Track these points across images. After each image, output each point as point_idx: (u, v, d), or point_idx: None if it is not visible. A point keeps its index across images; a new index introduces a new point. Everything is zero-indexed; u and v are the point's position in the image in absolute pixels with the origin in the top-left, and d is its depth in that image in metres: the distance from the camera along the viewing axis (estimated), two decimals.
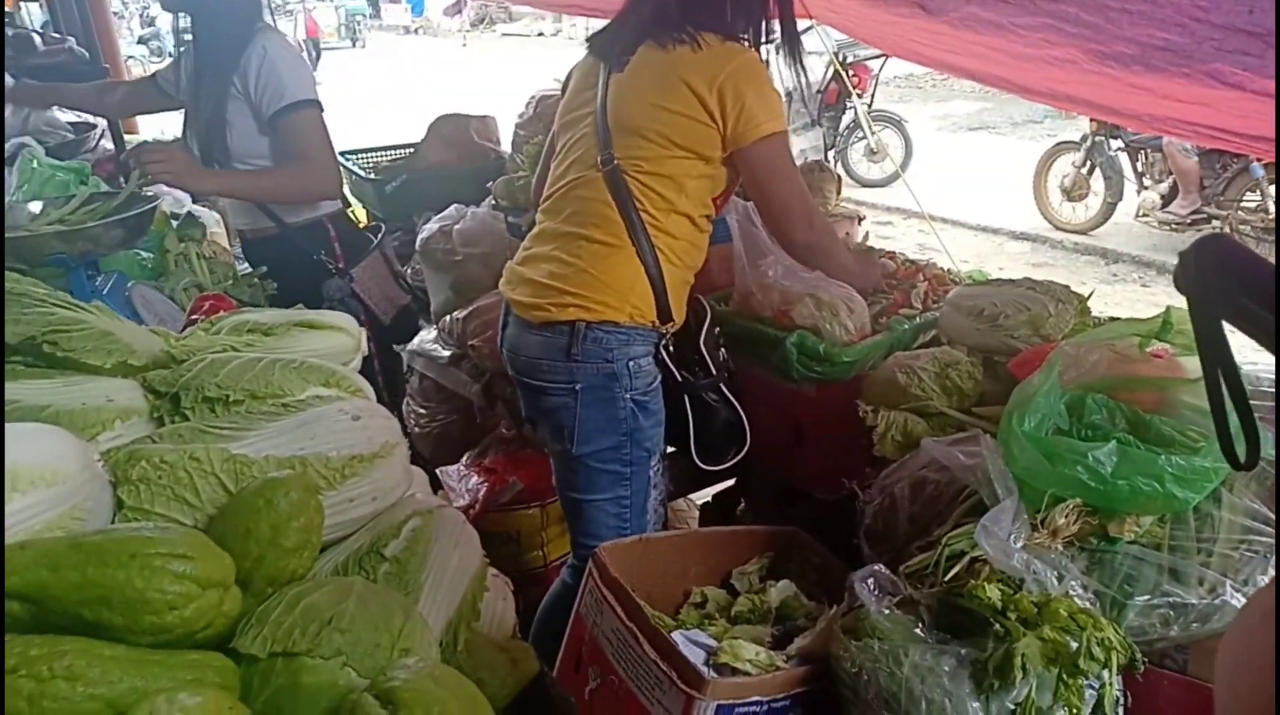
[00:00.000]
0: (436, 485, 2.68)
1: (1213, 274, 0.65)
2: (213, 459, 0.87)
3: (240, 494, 0.85)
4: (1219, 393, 0.72)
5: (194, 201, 3.14)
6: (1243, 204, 6.22)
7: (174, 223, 2.48)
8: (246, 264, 2.56)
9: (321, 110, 2.36)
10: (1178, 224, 6.52)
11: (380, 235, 2.66)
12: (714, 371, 2.09)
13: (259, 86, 2.30)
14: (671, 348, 2.03)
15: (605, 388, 1.93)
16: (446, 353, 2.99)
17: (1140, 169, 6.86)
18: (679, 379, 2.04)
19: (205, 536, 0.78)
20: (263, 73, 2.30)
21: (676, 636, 1.62)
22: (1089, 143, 6.93)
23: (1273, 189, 6.05)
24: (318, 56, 17.99)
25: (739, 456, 2.15)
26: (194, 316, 1.46)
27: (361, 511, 0.95)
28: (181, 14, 2.49)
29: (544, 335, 1.94)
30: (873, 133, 8.37)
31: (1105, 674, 1.33)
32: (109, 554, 0.72)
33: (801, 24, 2.34)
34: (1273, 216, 6.06)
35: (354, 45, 24.71)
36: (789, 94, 8.03)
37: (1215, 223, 6.35)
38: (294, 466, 0.89)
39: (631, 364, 1.94)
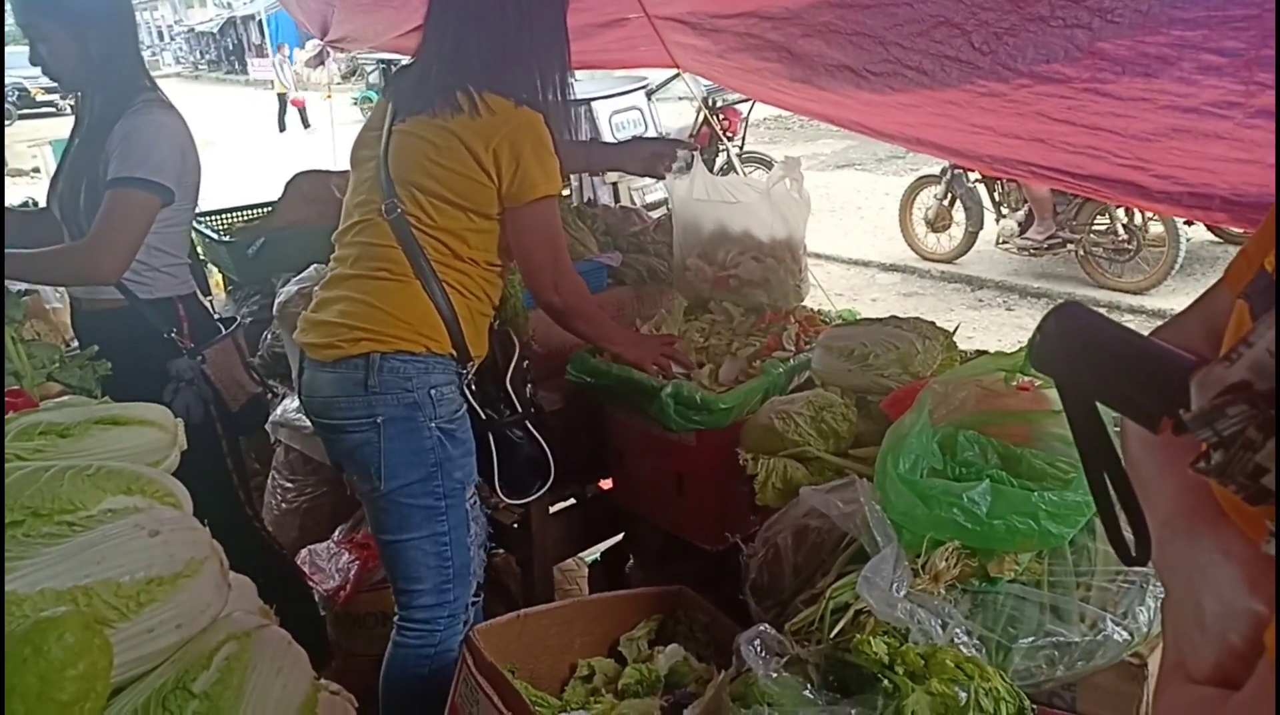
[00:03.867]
0: (285, 576, 2.49)
1: (1082, 356, 0.59)
2: None
3: (3, 642, 0.72)
4: (1104, 489, 0.67)
5: None
6: (1093, 228, 6.56)
7: None
8: (77, 342, 2.35)
9: (162, 199, 2.18)
10: (1035, 249, 6.81)
11: (234, 327, 2.50)
12: (519, 408, 2.08)
13: (112, 155, 2.16)
14: (474, 386, 2.01)
15: (408, 418, 1.88)
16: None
17: (997, 198, 7.16)
18: (483, 417, 2.02)
19: None
20: (120, 142, 2.16)
21: None
22: (949, 175, 7.21)
23: (1120, 212, 6.40)
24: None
25: (544, 489, 2.15)
26: None
27: (164, 642, 0.82)
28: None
29: (338, 372, 1.89)
30: (745, 174, 8.53)
31: None
32: None
33: (668, 72, 2.38)
34: (1122, 238, 6.41)
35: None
36: (662, 136, 8.14)
37: (1069, 246, 6.67)
38: (75, 599, 0.77)
39: (434, 392, 1.90)
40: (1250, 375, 0.50)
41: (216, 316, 2.67)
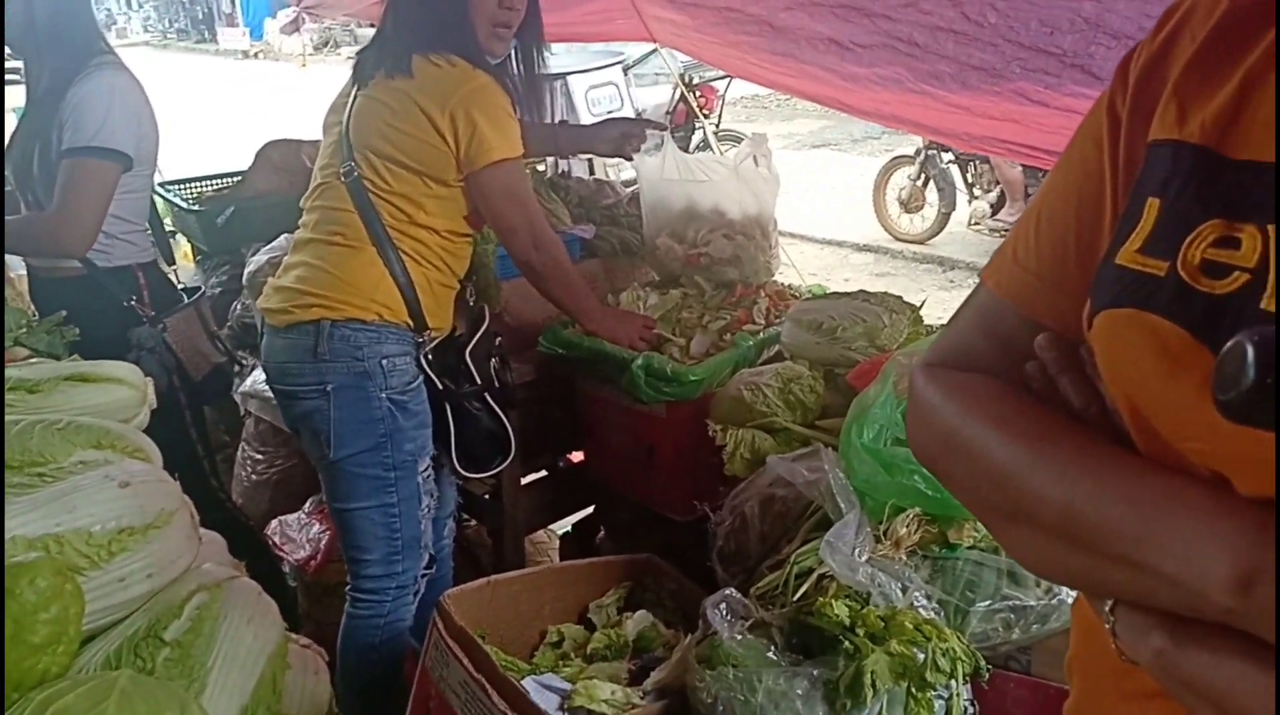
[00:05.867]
0: (251, 547, 2.48)
1: None
2: None
3: None
4: None
5: None
6: None
7: None
8: (35, 310, 2.34)
9: (122, 165, 2.18)
10: (1007, 231, 6.87)
11: (197, 295, 2.49)
12: (478, 381, 2.06)
13: (66, 122, 2.13)
14: (431, 356, 2.00)
15: (358, 387, 1.89)
16: None
17: (970, 180, 7.22)
18: (440, 387, 2.01)
19: None
20: (73, 108, 2.14)
21: (528, 683, 1.54)
22: (922, 156, 7.25)
23: None
24: None
25: (503, 465, 2.15)
26: None
27: (136, 591, 0.84)
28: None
29: (290, 337, 1.90)
30: (721, 152, 8.53)
31: (952, 684, 1.34)
32: None
33: (645, 48, 2.39)
34: None
35: None
36: (638, 113, 8.11)
37: None
38: (47, 546, 0.78)
39: (385, 362, 1.90)
40: None
41: (181, 286, 2.66)
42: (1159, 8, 1.60)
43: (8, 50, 2.35)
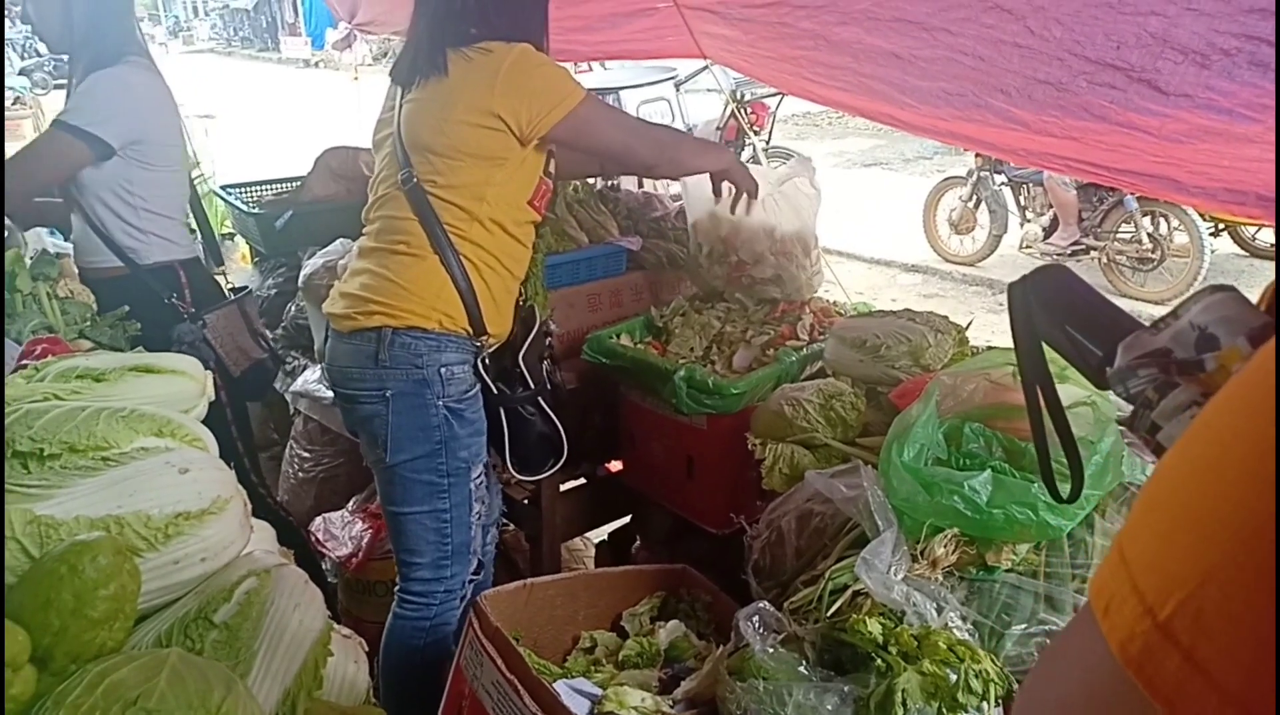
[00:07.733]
0: (293, 539, 2.53)
1: (1044, 298, 0.66)
2: (14, 521, 0.78)
3: (42, 560, 0.77)
4: (1039, 417, 0.73)
5: (51, 235, 2.96)
6: (1118, 235, 6.52)
7: (29, 261, 2.33)
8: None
9: (96, 152, 2.23)
10: (1059, 255, 6.78)
11: (241, 293, 2.56)
12: (531, 385, 2.09)
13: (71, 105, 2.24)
14: (487, 361, 2.03)
15: (416, 394, 1.92)
16: (331, 393, 2.88)
17: (1023, 203, 7.13)
18: (495, 392, 2.04)
19: None
20: (80, 93, 2.23)
21: (559, 686, 1.56)
22: (975, 178, 7.18)
23: (1146, 221, 6.36)
24: None
25: (556, 467, 2.18)
26: (24, 361, 1.35)
27: (189, 574, 0.87)
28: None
29: (353, 343, 1.94)
30: (771, 170, 8.50)
31: (984, 706, 1.33)
32: None
33: (696, 64, 2.41)
34: (1147, 247, 6.37)
35: None
36: (689, 129, 8.14)
37: (1093, 253, 6.63)
38: (108, 527, 0.82)
39: (444, 371, 1.93)
40: (1171, 344, 0.54)
41: (231, 286, 2.73)
42: (1226, 24, 1.59)
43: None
